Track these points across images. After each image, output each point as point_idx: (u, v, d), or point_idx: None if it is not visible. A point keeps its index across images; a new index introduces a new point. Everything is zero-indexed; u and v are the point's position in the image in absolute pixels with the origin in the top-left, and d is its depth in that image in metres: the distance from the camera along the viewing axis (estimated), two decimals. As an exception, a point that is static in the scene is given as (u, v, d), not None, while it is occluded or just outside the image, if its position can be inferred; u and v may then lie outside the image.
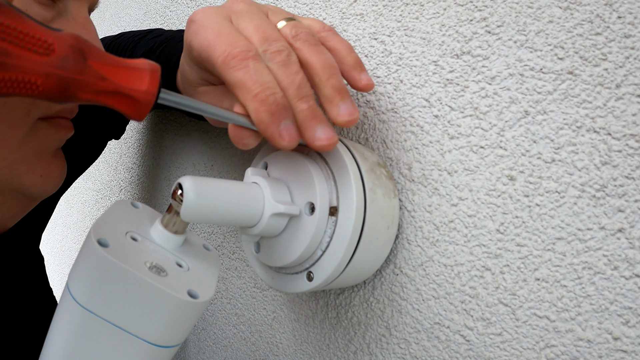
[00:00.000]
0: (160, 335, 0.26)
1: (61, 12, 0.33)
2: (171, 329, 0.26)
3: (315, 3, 0.44)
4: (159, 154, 0.70)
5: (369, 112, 0.38)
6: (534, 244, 0.28)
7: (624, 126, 0.25)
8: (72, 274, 0.26)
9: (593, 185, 0.26)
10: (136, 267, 0.25)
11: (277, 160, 0.34)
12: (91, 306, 0.25)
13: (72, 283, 0.26)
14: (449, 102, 0.33)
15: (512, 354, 0.29)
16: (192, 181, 0.27)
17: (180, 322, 0.27)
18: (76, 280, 0.26)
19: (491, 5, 0.31)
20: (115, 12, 0.89)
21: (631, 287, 0.25)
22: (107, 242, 0.25)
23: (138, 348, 0.26)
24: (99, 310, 0.25)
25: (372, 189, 0.31)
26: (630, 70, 0.25)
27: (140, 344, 0.26)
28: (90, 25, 0.34)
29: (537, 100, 0.29)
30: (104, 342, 0.26)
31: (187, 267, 0.28)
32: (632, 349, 0.24)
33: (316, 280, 0.31)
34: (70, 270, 0.27)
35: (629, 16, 0.25)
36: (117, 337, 0.26)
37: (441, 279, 0.32)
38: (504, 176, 0.30)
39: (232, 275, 0.53)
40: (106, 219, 0.27)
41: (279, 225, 0.31)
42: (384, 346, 0.36)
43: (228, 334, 0.53)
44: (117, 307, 0.25)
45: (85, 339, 0.26)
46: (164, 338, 0.26)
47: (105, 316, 0.25)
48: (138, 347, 0.26)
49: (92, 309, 0.25)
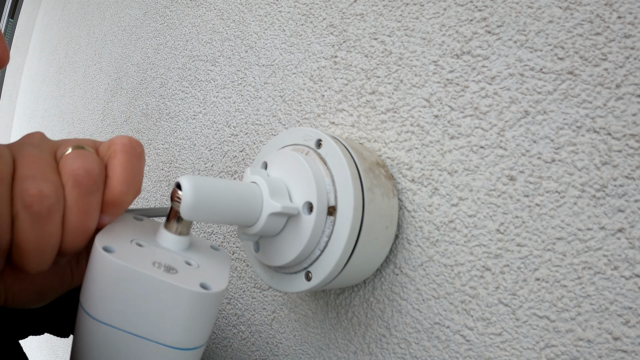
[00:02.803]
0: (179, 336, 0.26)
1: None
2: (189, 328, 0.26)
3: (316, 3, 0.44)
4: (159, 154, 0.70)
5: (370, 111, 0.38)
6: (534, 244, 0.28)
7: (624, 126, 0.25)
8: (83, 289, 0.26)
9: (593, 185, 0.26)
10: (145, 268, 0.24)
11: (277, 159, 0.34)
12: (107, 319, 0.25)
13: (85, 299, 0.25)
14: (449, 102, 0.33)
15: (512, 354, 0.29)
16: (190, 180, 0.27)
17: (197, 318, 0.26)
18: (88, 294, 0.25)
19: (491, 5, 0.31)
20: (115, 12, 0.89)
21: (631, 287, 0.25)
22: (113, 248, 0.25)
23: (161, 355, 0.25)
24: (115, 321, 0.25)
25: (370, 189, 0.31)
26: (630, 70, 0.25)
27: (162, 350, 0.25)
28: None
29: (537, 100, 0.29)
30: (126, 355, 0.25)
31: (197, 264, 0.28)
32: (632, 349, 0.24)
33: (315, 280, 0.31)
34: (81, 287, 0.26)
35: (629, 16, 0.25)
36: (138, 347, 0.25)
37: (441, 279, 0.32)
38: (504, 176, 0.30)
39: (232, 275, 0.53)
40: (110, 230, 0.27)
41: (278, 225, 0.31)
42: (384, 346, 0.36)
43: (228, 334, 0.53)
44: (132, 314, 0.25)
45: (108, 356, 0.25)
46: (184, 339, 0.26)
47: (123, 327, 0.25)
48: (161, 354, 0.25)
49: (109, 322, 0.25)
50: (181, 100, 0.65)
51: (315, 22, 0.44)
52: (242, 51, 0.54)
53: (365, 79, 0.39)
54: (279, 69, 0.48)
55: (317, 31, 0.44)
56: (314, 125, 0.43)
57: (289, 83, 0.47)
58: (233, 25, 0.56)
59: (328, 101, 0.42)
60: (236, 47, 0.55)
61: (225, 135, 0.55)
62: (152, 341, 0.25)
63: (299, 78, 0.45)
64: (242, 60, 0.54)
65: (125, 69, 0.83)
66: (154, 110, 0.72)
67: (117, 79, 0.87)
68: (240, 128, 0.53)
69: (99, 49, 0.97)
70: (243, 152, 0.52)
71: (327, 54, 0.42)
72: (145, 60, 0.76)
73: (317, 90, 0.43)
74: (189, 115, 0.63)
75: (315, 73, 0.44)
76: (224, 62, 0.57)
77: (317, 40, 0.44)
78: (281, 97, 0.47)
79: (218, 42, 0.58)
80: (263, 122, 0.50)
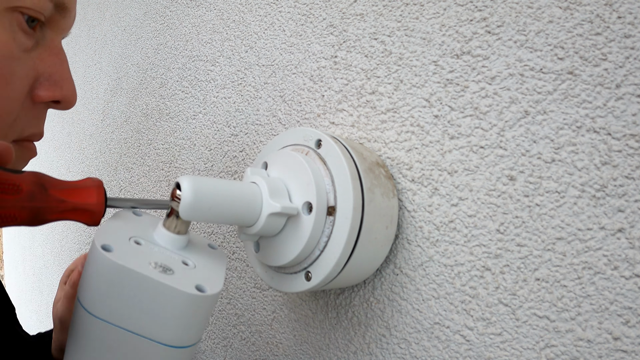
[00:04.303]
0: (174, 335, 0.26)
1: (39, 41, 0.36)
2: (184, 327, 0.26)
3: (315, 3, 0.44)
4: (159, 154, 0.70)
5: (370, 112, 0.38)
6: (534, 244, 0.28)
7: (624, 126, 0.25)
8: (81, 285, 0.26)
9: (593, 185, 0.26)
10: (142, 268, 0.25)
11: (277, 160, 0.34)
12: (103, 314, 0.25)
13: (82, 294, 0.26)
14: (449, 102, 0.33)
15: (512, 354, 0.29)
16: (190, 180, 0.27)
17: (192, 318, 0.26)
18: (85, 290, 0.26)
19: (491, 5, 0.31)
20: (115, 12, 0.89)
21: (631, 287, 0.25)
22: (111, 247, 0.25)
23: (154, 351, 0.26)
24: (111, 317, 0.25)
25: (370, 189, 0.31)
26: (630, 70, 0.25)
27: (156, 347, 0.26)
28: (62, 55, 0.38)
29: (537, 100, 0.29)
30: (120, 350, 0.26)
31: (194, 265, 0.28)
32: (632, 349, 0.24)
33: (314, 280, 0.31)
34: (79, 282, 0.27)
35: (629, 16, 0.25)
36: (132, 344, 0.26)
37: (441, 279, 0.32)
38: (504, 176, 0.30)
39: (232, 275, 0.53)
40: (109, 226, 0.28)
41: (277, 225, 0.31)
42: (384, 346, 0.36)
43: (228, 334, 0.53)
44: (128, 311, 0.25)
45: (103, 350, 0.26)
46: (178, 338, 0.26)
47: (118, 323, 0.25)
48: (154, 351, 0.26)
49: (105, 317, 0.25)
50: (181, 100, 0.65)
51: (315, 22, 0.44)
52: (242, 51, 0.54)
53: (365, 79, 0.39)
54: (279, 69, 0.48)
55: (317, 31, 0.44)
56: (314, 125, 0.43)
57: (289, 83, 0.47)
58: (233, 25, 0.56)
59: (328, 101, 0.42)
60: (236, 47, 0.55)
61: (225, 135, 0.55)
62: (146, 338, 0.26)
63: (299, 78, 0.45)
64: (242, 60, 0.54)
65: (125, 69, 0.83)
66: (154, 110, 0.72)
67: (117, 79, 0.87)
68: (240, 128, 0.53)
69: (99, 49, 0.97)
70: (243, 152, 0.52)
71: (327, 54, 0.42)
72: (145, 60, 0.76)
73: (317, 90, 0.43)
74: (189, 115, 0.63)
75: (315, 73, 0.44)
76: (224, 62, 0.57)
77: (317, 40, 0.44)
78: (281, 97, 0.47)
79: (218, 42, 0.58)
80: (263, 122, 0.50)
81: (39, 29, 0.35)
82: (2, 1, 0.31)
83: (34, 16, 0.34)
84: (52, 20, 0.36)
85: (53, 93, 0.36)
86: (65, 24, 0.38)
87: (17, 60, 0.33)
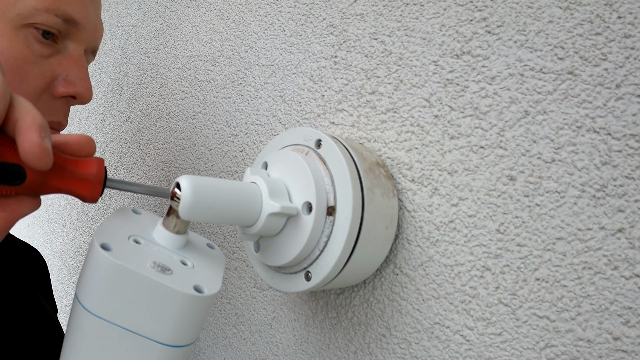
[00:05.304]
0: (171, 334, 0.26)
1: (60, 50, 0.42)
2: (181, 327, 0.26)
3: (315, 3, 0.44)
4: (159, 154, 0.70)
5: (369, 112, 0.38)
6: (534, 244, 0.28)
7: (624, 126, 0.25)
8: (80, 282, 0.26)
9: (593, 185, 0.26)
10: (140, 268, 0.25)
11: (277, 160, 0.34)
12: (101, 312, 0.25)
13: (80, 292, 0.26)
14: (449, 102, 0.33)
15: (512, 354, 0.29)
16: (189, 180, 0.27)
17: (190, 318, 0.26)
18: (84, 288, 0.26)
19: (491, 5, 0.31)
20: (115, 12, 0.89)
21: (631, 287, 0.25)
22: (110, 246, 0.25)
23: (151, 350, 0.26)
24: (108, 315, 0.25)
25: (370, 189, 0.31)
26: (630, 70, 0.25)
27: (152, 346, 0.26)
28: (80, 61, 0.44)
29: (537, 100, 0.29)
30: (117, 348, 0.26)
31: (192, 265, 0.28)
32: (632, 349, 0.24)
33: (314, 280, 0.31)
34: (78, 279, 0.27)
35: (629, 16, 0.25)
36: (129, 342, 0.26)
37: (441, 279, 0.32)
38: (504, 176, 0.30)
39: (232, 275, 0.53)
40: (108, 225, 0.28)
41: (277, 225, 0.31)
42: (384, 346, 0.36)
43: (228, 334, 0.53)
44: (126, 310, 0.25)
45: (99, 347, 0.26)
46: (175, 337, 0.26)
47: (115, 321, 0.25)
48: (151, 349, 0.26)
49: (102, 315, 0.25)
50: (181, 100, 0.65)
51: (315, 22, 0.44)
52: (242, 51, 0.54)
53: (365, 79, 0.39)
54: (279, 69, 0.48)
55: (317, 31, 0.44)
56: (314, 125, 0.43)
57: (289, 83, 0.47)
58: (233, 25, 0.56)
59: (328, 101, 0.42)
60: (236, 47, 0.55)
61: (225, 135, 0.55)
62: (143, 337, 0.26)
63: (299, 78, 0.45)
64: (242, 60, 0.54)
65: (125, 69, 0.83)
66: (154, 110, 0.72)
67: (117, 79, 0.87)
68: (240, 128, 0.53)
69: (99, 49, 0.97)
70: (243, 152, 0.52)
71: (327, 54, 0.42)
72: (145, 60, 0.76)
73: (317, 90, 0.43)
74: (189, 115, 0.63)
75: (315, 73, 0.44)
76: (224, 62, 0.57)
77: (317, 40, 0.44)
78: (281, 97, 0.47)
79: (218, 42, 0.58)
80: (263, 122, 0.50)
81: (60, 41, 0.42)
82: (19, 19, 0.39)
83: (47, 30, 0.40)
84: (69, 33, 0.42)
85: (67, 89, 0.43)
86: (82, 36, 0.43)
87: (32, 63, 0.40)
